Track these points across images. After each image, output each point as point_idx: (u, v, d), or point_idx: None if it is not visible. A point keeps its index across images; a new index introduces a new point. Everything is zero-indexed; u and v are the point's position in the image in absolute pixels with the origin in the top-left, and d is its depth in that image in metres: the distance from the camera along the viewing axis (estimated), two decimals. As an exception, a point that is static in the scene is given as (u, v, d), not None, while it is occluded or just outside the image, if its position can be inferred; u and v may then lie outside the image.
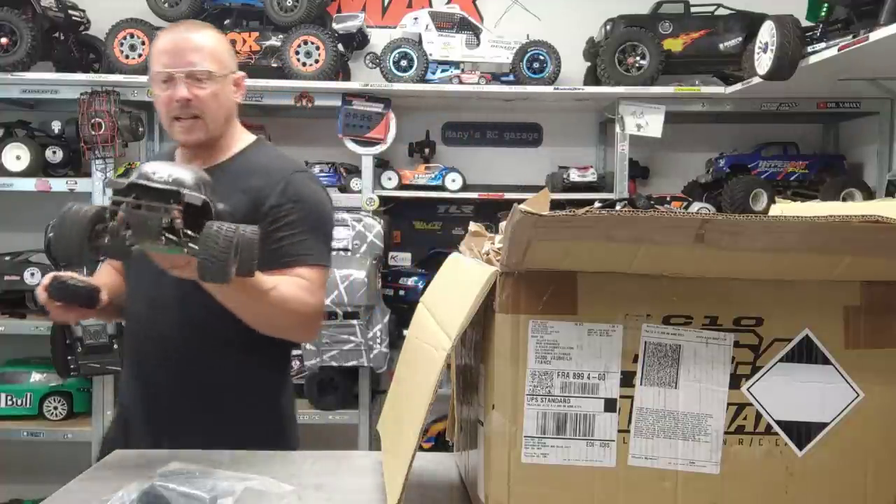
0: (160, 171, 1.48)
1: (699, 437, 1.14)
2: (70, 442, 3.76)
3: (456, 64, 3.87)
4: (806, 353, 1.14)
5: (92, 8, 4.01)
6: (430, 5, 4.25)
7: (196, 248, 1.47)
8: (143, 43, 3.75)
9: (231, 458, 1.67)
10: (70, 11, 3.88)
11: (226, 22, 3.87)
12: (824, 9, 3.02)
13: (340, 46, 3.85)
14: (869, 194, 3.62)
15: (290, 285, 1.87)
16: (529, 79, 3.81)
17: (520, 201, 1.12)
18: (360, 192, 3.84)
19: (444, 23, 3.88)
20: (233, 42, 3.82)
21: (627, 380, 1.13)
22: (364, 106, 3.84)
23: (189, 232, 1.49)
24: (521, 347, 1.12)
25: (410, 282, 3.89)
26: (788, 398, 1.14)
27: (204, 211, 1.52)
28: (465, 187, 3.98)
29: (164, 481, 1.34)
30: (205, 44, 1.98)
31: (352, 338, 3.59)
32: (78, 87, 3.71)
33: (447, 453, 1.69)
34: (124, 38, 3.75)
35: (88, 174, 3.80)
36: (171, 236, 1.47)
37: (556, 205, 3.25)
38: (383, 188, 3.93)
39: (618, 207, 3.55)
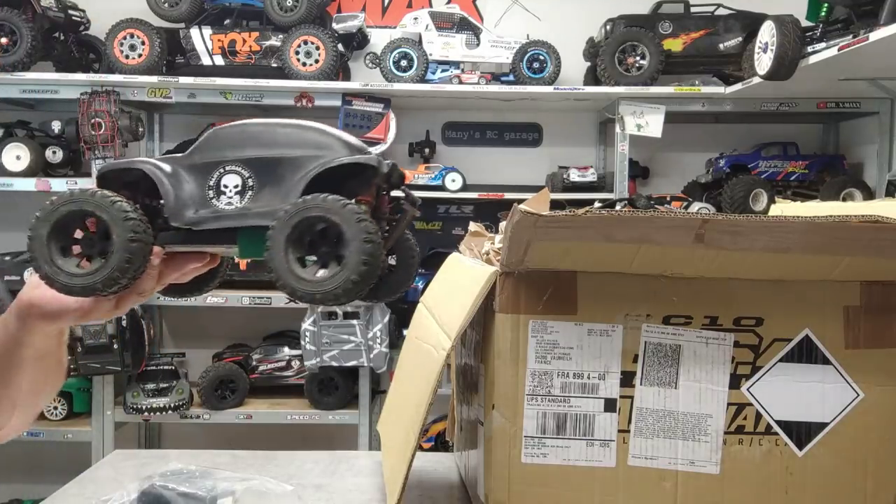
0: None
1: (699, 437, 1.14)
2: (70, 442, 3.76)
3: (456, 64, 3.87)
4: (806, 353, 1.14)
5: (92, 8, 4.01)
6: (430, 5, 4.25)
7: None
8: (143, 43, 3.75)
9: (231, 458, 1.67)
10: (70, 11, 3.88)
11: (226, 22, 3.87)
12: (824, 9, 3.02)
13: (340, 46, 3.85)
14: (869, 194, 3.62)
15: None
16: (529, 79, 3.81)
17: (520, 201, 1.12)
18: (360, 192, 3.84)
19: (444, 23, 3.88)
20: (233, 42, 3.83)
21: (627, 380, 1.13)
22: (364, 106, 3.84)
23: None
24: (521, 347, 1.12)
25: (410, 282, 3.89)
26: (788, 398, 1.14)
27: None
28: (465, 187, 3.98)
29: (164, 481, 1.34)
30: None
31: (352, 338, 3.59)
32: (78, 87, 3.71)
33: (447, 453, 1.69)
34: (124, 38, 3.75)
35: (88, 174, 3.80)
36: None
37: (556, 205, 3.25)
38: (383, 188, 3.93)
39: (618, 207, 3.55)
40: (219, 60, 3.84)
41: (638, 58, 3.73)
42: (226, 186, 0.98)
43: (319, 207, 0.89)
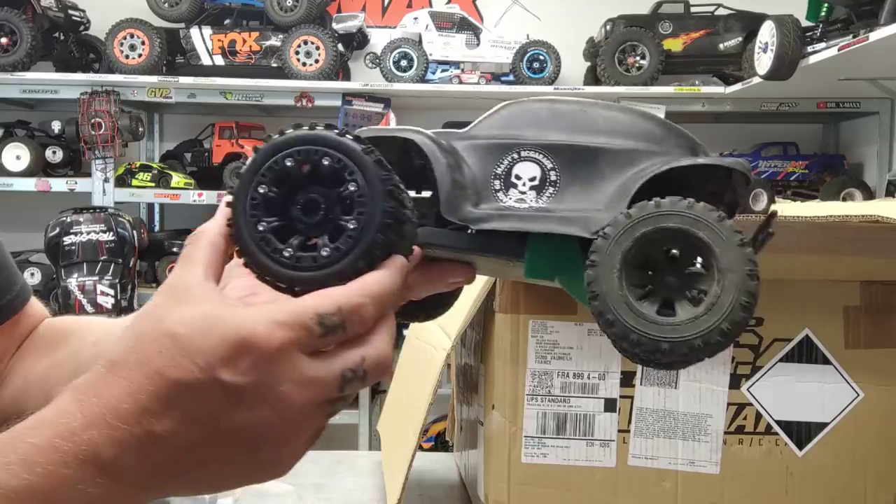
0: None
1: (699, 437, 1.14)
2: (70, 442, 3.76)
3: (456, 64, 3.87)
4: (806, 353, 1.14)
5: (92, 8, 4.01)
6: (430, 5, 4.25)
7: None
8: (143, 43, 3.75)
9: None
10: (70, 11, 3.88)
11: (226, 22, 3.88)
12: (824, 9, 3.02)
13: (340, 46, 3.85)
14: (869, 194, 3.62)
15: None
16: (529, 79, 3.81)
17: (520, 201, 1.12)
18: (360, 192, 3.84)
19: (444, 23, 3.88)
20: (233, 42, 3.83)
21: (627, 380, 1.13)
22: (364, 106, 3.85)
23: None
24: (521, 347, 1.12)
25: (410, 282, 3.89)
26: (788, 398, 1.14)
27: None
28: (465, 187, 3.98)
29: (164, 481, 1.34)
30: None
31: (352, 338, 3.59)
32: (78, 87, 3.71)
33: (447, 453, 1.69)
34: (124, 38, 3.75)
35: (88, 174, 3.80)
36: None
37: (556, 205, 3.24)
38: (383, 188, 3.93)
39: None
40: (219, 60, 3.84)
41: (638, 58, 3.73)
42: (518, 177, 0.73)
43: (683, 217, 0.63)
